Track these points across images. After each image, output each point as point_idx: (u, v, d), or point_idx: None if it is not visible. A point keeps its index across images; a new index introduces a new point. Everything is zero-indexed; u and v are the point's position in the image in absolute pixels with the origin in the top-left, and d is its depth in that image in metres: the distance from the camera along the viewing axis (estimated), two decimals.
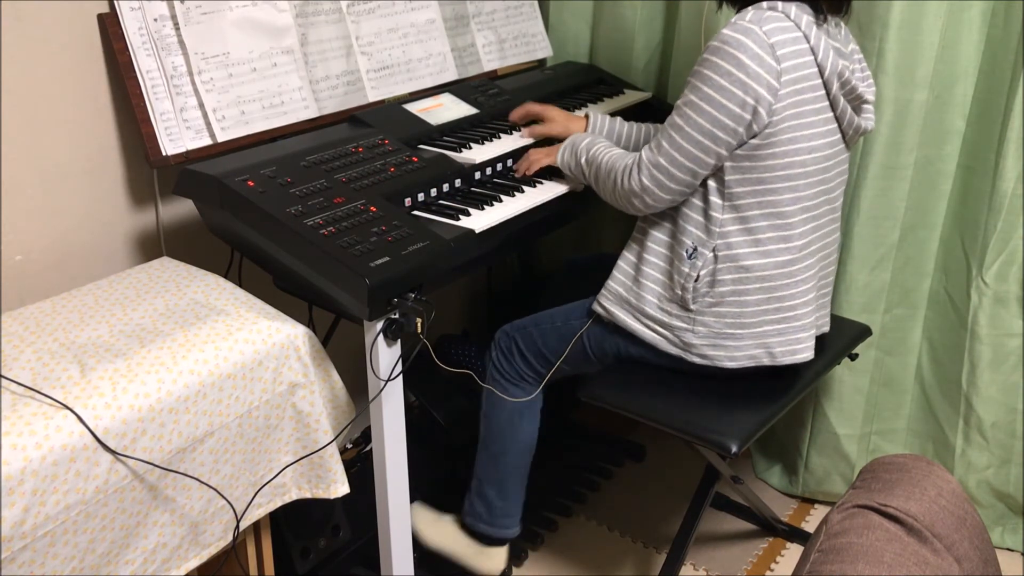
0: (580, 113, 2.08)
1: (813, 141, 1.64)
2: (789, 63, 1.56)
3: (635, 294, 1.77)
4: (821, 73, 1.60)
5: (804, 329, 1.74)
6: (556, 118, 2.04)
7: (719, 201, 1.67)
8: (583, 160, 1.82)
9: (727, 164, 1.63)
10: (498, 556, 2.02)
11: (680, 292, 1.72)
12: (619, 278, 1.81)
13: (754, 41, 1.54)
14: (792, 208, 1.67)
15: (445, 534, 2.04)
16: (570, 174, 1.89)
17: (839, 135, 1.70)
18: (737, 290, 1.70)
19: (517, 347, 1.93)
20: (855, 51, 1.74)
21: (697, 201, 1.69)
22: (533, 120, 2.08)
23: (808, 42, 1.58)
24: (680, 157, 1.63)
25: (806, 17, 1.59)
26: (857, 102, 1.69)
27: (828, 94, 1.63)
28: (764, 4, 1.61)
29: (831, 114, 1.66)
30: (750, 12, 1.59)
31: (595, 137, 1.87)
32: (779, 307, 1.71)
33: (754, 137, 1.60)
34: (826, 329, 1.90)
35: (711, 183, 1.67)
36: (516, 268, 2.81)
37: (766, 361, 1.73)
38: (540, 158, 1.93)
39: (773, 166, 1.63)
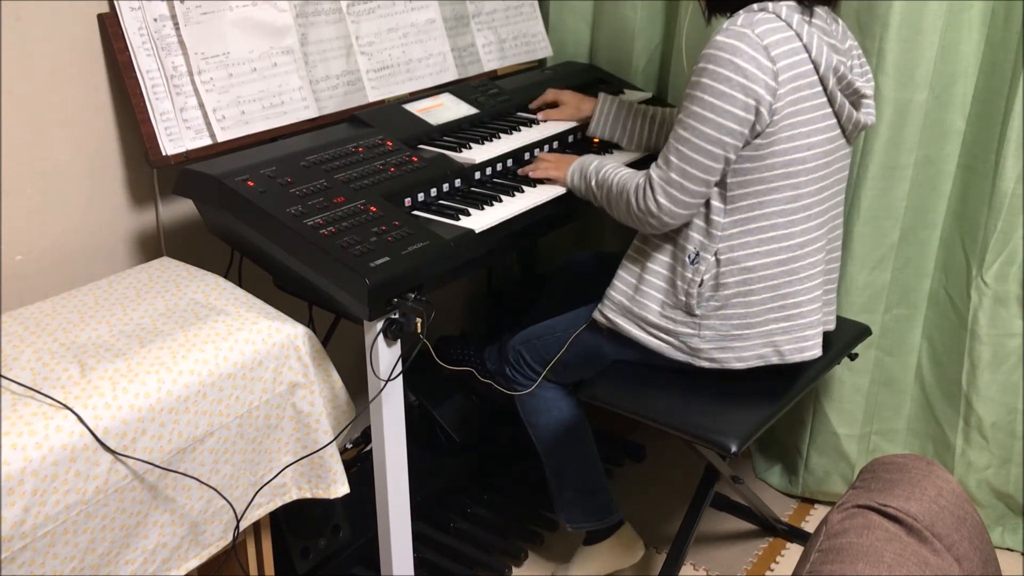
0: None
1: (812, 138, 1.64)
2: (784, 62, 1.56)
3: (637, 303, 1.77)
4: (816, 70, 1.60)
5: (811, 327, 1.74)
6: (568, 101, 2.15)
7: (720, 205, 1.67)
8: (593, 184, 1.80)
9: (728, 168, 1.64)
10: (625, 538, 2.04)
11: (684, 298, 1.72)
12: (620, 287, 1.80)
13: (748, 44, 1.55)
14: (793, 206, 1.67)
15: (583, 559, 2.06)
16: (581, 196, 1.86)
17: (839, 131, 1.70)
18: (742, 291, 1.70)
19: (524, 360, 1.94)
20: (853, 47, 1.74)
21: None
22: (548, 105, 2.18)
23: (801, 40, 1.58)
24: (692, 169, 1.62)
25: (797, 16, 1.59)
26: (855, 97, 1.69)
27: (825, 90, 1.63)
28: (755, 6, 1.61)
29: (829, 110, 1.66)
30: (741, 16, 1.59)
31: (603, 159, 1.84)
32: (784, 305, 1.71)
33: (757, 137, 1.60)
34: (831, 327, 1.89)
35: (713, 188, 1.67)
36: (516, 268, 2.80)
37: (775, 360, 1.73)
38: (549, 171, 1.90)
39: (773, 165, 1.63)
